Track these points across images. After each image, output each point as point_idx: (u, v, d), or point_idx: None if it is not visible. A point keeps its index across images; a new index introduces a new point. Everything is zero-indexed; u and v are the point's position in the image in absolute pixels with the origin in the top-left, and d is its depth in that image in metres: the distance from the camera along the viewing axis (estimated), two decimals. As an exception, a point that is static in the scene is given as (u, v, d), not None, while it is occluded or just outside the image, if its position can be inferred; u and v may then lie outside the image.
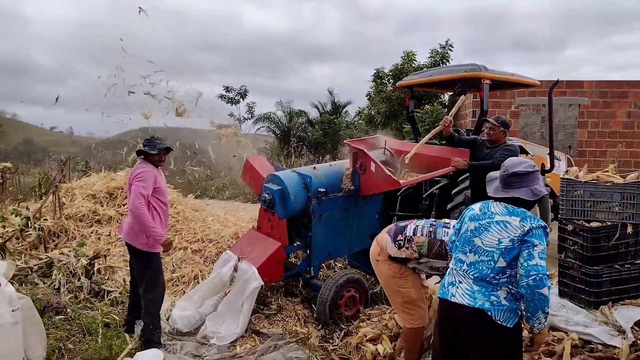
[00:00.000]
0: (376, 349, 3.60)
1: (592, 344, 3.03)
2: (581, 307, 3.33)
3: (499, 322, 2.25)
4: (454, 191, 5.46)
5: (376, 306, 4.44)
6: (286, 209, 4.33)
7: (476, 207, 2.49)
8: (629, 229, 3.24)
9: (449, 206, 5.47)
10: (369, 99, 15.73)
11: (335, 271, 5.48)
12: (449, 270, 2.54)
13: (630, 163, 10.60)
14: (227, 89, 21.38)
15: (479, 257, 2.38)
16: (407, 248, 3.12)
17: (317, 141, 18.29)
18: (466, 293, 2.37)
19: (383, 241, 3.26)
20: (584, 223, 3.35)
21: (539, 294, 2.20)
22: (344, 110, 22.73)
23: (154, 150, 3.70)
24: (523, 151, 6.37)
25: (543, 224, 2.32)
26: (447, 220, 3.18)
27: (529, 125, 14.06)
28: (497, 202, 2.43)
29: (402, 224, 3.37)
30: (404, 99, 14.12)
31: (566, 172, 3.64)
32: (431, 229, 3.13)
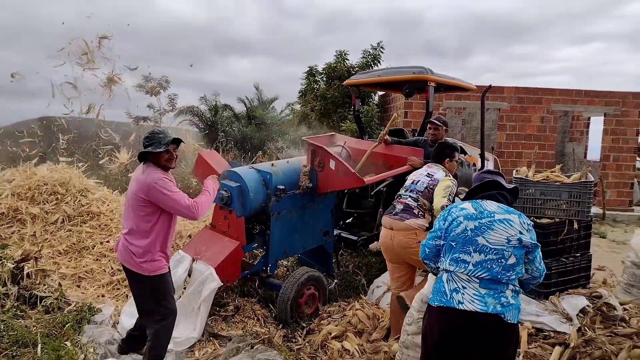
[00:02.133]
0: (342, 345, 3.65)
1: (545, 332, 3.31)
2: (532, 297, 3.62)
3: (509, 321, 2.30)
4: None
5: (334, 303, 4.49)
6: (245, 207, 4.23)
7: (468, 206, 2.54)
8: (575, 225, 3.58)
9: (397, 203, 5.70)
10: (301, 96, 15.80)
11: (287, 269, 5.47)
12: (444, 275, 2.48)
13: (542, 164, 11.71)
14: (147, 79, 20.19)
15: (486, 256, 2.38)
16: (423, 215, 3.66)
17: (249, 136, 17.96)
18: (474, 299, 2.34)
19: (401, 224, 3.66)
20: (534, 220, 3.65)
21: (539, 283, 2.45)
22: (271, 105, 22.62)
23: (160, 148, 2.97)
24: (462, 151, 6.81)
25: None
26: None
27: (452, 127, 14.99)
28: (488, 202, 2.52)
29: (393, 209, 3.85)
30: (339, 97, 14.46)
31: (517, 171, 3.94)
32: (416, 188, 3.82)
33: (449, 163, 4.03)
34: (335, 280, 5.11)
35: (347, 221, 6.58)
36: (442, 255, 2.55)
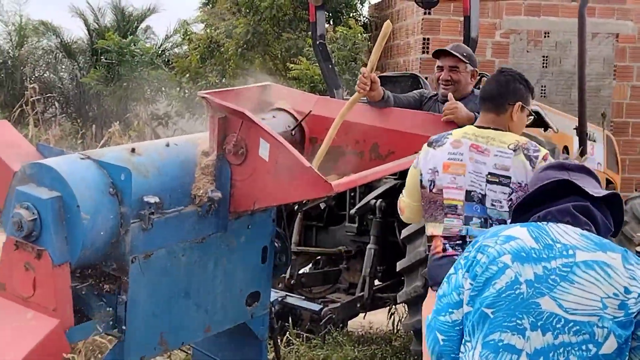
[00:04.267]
0: None
1: None
2: None
3: None
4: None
5: None
6: (73, 244, 4.14)
7: (520, 232, 2.63)
8: None
9: (405, 232, 5.74)
10: (206, 5, 15.61)
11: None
12: None
13: None
14: None
15: (556, 337, 2.46)
16: None
17: (95, 92, 17.76)
18: None
19: None
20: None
21: None
22: (143, 26, 22.39)
23: None
24: (540, 124, 6.91)
25: None
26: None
27: (522, 71, 15.02)
28: (562, 226, 2.61)
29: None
30: (285, 8, 14.30)
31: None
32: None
33: (517, 113, 4.30)
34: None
35: (300, 271, 6.58)
36: (464, 340, 2.64)
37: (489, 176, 4.06)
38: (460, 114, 4.97)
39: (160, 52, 19.86)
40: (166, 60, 18.85)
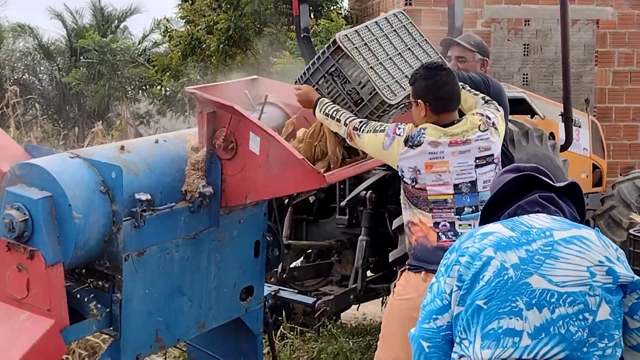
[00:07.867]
0: None
1: None
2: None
3: None
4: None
5: None
6: (65, 244, 4.12)
7: (496, 227, 2.71)
8: None
9: (396, 222, 5.74)
10: (185, 2, 15.55)
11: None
12: None
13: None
14: None
15: (553, 312, 2.49)
16: None
17: (76, 91, 17.65)
18: None
19: None
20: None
21: None
22: (122, 25, 22.29)
23: None
24: (526, 111, 6.94)
25: None
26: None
27: (504, 59, 15.19)
28: (534, 215, 2.73)
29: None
30: (267, 3, 14.27)
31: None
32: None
33: None
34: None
35: (291, 265, 6.57)
36: (459, 339, 2.64)
37: (477, 160, 4.20)
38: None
39: (140, 50, 19.73)
40: (147, 58, 18.74)
